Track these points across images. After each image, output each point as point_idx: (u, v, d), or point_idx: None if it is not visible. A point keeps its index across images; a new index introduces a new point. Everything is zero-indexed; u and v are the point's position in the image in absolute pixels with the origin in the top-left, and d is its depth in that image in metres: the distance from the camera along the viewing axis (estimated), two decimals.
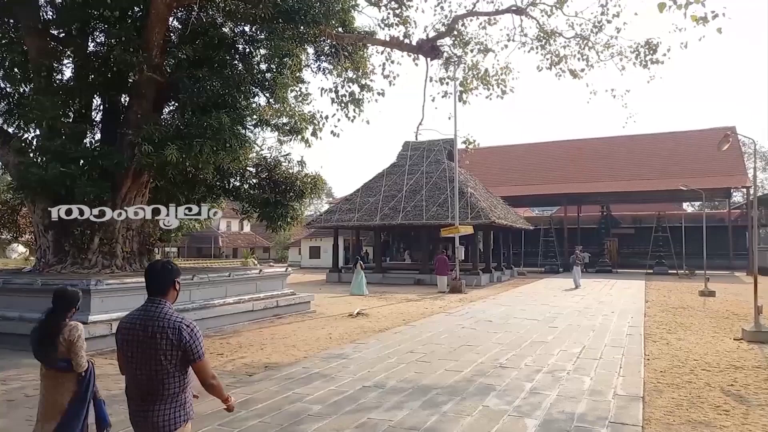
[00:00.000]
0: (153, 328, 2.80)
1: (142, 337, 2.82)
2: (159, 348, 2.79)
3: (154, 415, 2.82)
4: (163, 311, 2.86)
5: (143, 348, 2.81)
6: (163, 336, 2.79)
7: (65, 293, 3.80)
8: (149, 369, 2.82)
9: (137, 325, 2.86)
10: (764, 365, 7.97)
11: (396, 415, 5.70)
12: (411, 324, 12.40)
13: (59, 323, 3.69)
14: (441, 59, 12.55)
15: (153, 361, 2.80)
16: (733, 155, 34.63)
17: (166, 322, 2.82)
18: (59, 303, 3.75)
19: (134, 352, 2.86)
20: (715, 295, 18.15)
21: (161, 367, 2.80)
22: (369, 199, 26.64)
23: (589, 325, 12.02)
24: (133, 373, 2.90)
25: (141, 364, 2.83)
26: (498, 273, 27.90)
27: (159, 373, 2.81)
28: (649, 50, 11.08)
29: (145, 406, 2.85)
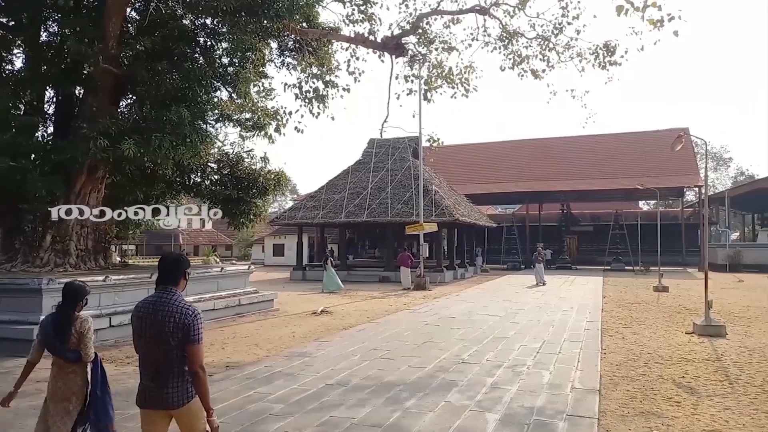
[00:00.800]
0: (163, 313, 3.12)
1: (153, 320, 3.14)
2: (168, 330, 3.10)
3: (166, 391, 3.13)
4: (173, 298, 3.19)
5: (155, 330, 3.13)
6: (171, 319, 3.10)
7: (73, 287, 3.97)
8: (160, 349, 3.12)
9: (150, 310, 3.17)
10: (713, 358, 8.31)
11: (359, 413, 5.69)
12: (375, 321, 12.41)
13: (70, 316, 3.87)
14: (406, 57, 12.58)
15: (163, 341, 3.11)
16: (686, 155, 35.98)
17: (175, 307, 3.14)
18: (68, 297, 3.92)
19: (147, 334, 3.17)
20: (668, 291, 18.81)
21: (170, 348, 3.10)
22: (334, 196, 26.53)
23: (549, 321, 12.28)
24: (145, 352, 3.21)
25: (153, 345, 3.15)
26: (461, 270, 28.24)
27: (169, 352, 3.11)
28: (608, 52, 11.37)
29: (158, 383, 3.15)
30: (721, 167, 70.40)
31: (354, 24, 11.79)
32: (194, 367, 3.11)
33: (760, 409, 5.79)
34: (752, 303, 15.52)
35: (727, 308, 14.00)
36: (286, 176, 13.82)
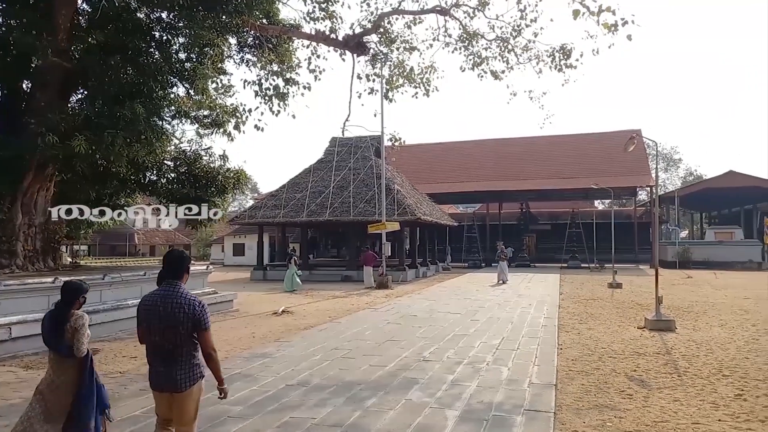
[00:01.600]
0: (172, 305, 3.52)
1: (162, 312, 3.52)
2: (178, 320, 3.50)
3: (175, 374, 3.54)
4: (179, 291, 3.60)
5: (164, 320, 3.52)
6: (181, 310, 3.51)
7: (71, 285, 4.13)
8: (169, 337, 3.52)
9: (158, 303, 3.57)
10: (663, 351, 8.62)
11: (319, 413, 5.65)
12: (337, 320, 12.36)
13: (67, 313, 4.01)
14: (367, 56, 12.56)
15: (173, 330, 3.51)
16: (638, 156, 37.28)
17: (182, 299, 3.55)
18: (65, 294, 4.07)
19: (155, 324, 3.55)
20: (621, 287, 19.44)
21: (179, 335, 3.51)
22: (295, 195, 26.27)
23: (508, 318, 12.50)
24: (154, 342, 3.58)
25: (162, 334, 3.53)
26: (423, 269, 28.45)
27: (177, 339, 3.52)
28: (564, 55, 11.64)
29: (167, 367, 3.56)
30: (672, 168, 73.29)
31: (315, 21, 11.71)
32: (208, 350, 3.61)
33: (707, 399, 6.04)
34: (699, 298, 16.19)
35: (677, 303, 14.57)
36: (246, 175, 13.61)
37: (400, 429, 5.16)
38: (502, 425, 5.26)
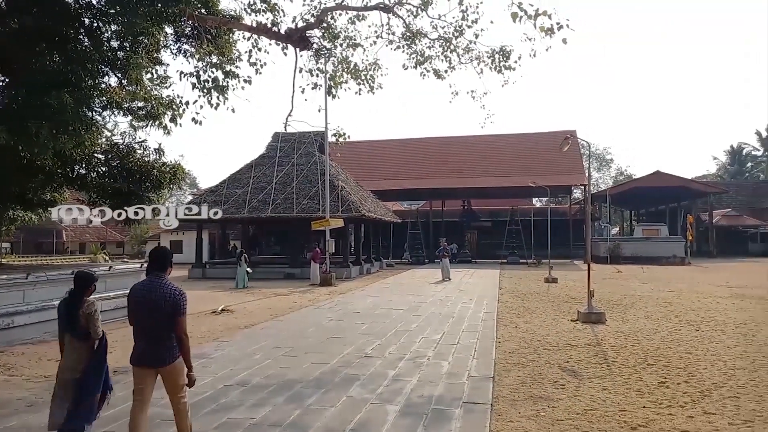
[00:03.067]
0: (158, 293, 4.15)
1: (150, 298, 4.15)
2: (163, 307, 4.13)
3: (159, 351, 4.17)
4: (164, 282, 4.24)
5: (151, 307, 4.13)
6: (165, 299, 4.15)
7: (83, 274, 4.59)
8: (155, 320, 4.14)
9: (146, 292, 4.20)
10: (594, 343, 9.03)
11: (258, 412, 5.55)
12: (279, 319, 12.19)
13: (80, 300, 4.43)
14: (311, 51, 12.38)
15: (158, 315, 4.13)
16: (573, 156, 38.77)
17: (167, 289, 4.19)
18: (78, 283, 4.50)
19: (143, 310, 4.17)
20: (557, 282, 20.22)
21: (163, 319, 4.14)
22: (236, 191, 25.66)
23: (449, 313, 12.73)
24: (142, 324, 4.20)
25: (149, 318, 4.15)
26: (367, 265, 28.51)
27: (162, 322, 4.15)
28: (503, 57, 11.89)
29: (153, 346, 4.17)
30: (604, 167, 76.82)
31: (256, 14, 11.41)
32: (180, 333, 4.19)
33: (633, 387, 6.38)
34: (628, 292, 17.08)
35: (607, 297, 15.30)
36: (183, 169, 13.13)
37: (341, 426, 5.15)
38: (441, 418, 5.35)
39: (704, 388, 6.27)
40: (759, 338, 9.24)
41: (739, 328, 10.28)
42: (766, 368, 7.19)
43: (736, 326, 10.45)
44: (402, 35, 12.26)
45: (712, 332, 9.84)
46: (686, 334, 9.72)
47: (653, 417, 5.34)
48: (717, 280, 21.34)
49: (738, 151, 72.27)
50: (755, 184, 57.65)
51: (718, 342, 8.94)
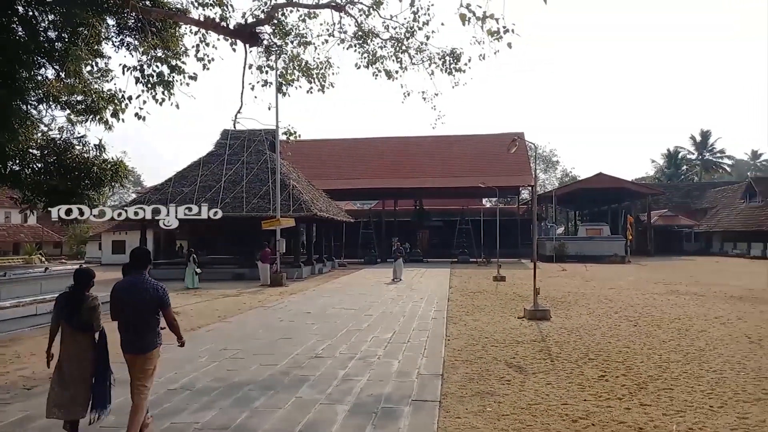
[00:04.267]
0: (141, 289, 4.69)
1: (134, 296, 4.68)
2: (146, 301, 4.69)
3: (142, 340, 4.72)
4: (146, 279, 4.77)
5: (135, 301, 4.67)
6: (147, 294, 4.69)
7: (85, 272, 4.95)
8: (139, 313, 4.69)
9: (130, 288, 4.72)
10: (539, 339, 9.30)
11: (204, 416, 5.41)
12: (227, 320, 11.92)
13: (82, 295, 4.78)
14: (261, 47, 12.17)
15: (142, 308, 4.69)
16: (521, 158, 39.85)
17: (149, 285, 4.73)
18: (82, 279, 4.82)
19: (127, 304, 4.69)
20: (505, 280, 20.70)
21: (147, 312, 4.72)
22: (183, 189, 24.90)
23: (400, 312, 12.80)
24: (126, 317, 4.71)
25: (134, 312, 4.68)
26: (319, 265, 28.31)
27: (146, 316, 4.72)
28: (454, 59, 12.07)
29: (137, 336, 4.72)
30: (551, 169, 79.18)
31: (204, 7, 11.10)
32: (170, 320, 4.86)
33: (575, 382, 6.60)
34: (572, 289, 17.67)
35: (552, 294, 15.78)
36: (125, 166, 12.62)
37: (289, 427, 5.09)
38: (390, 416, 5.38)
39: (641, 381, 6.56)
40: (691, 332, 9.75)
41: (673, 323, 10.81)
42: (697, 361, 7.59)
43: (671, 321, 11.00)
44: (354, 34, 12.23)
45: (648, 327, 10.31)
46: (625, 329, 10.15)
47: (593, 410, 5.54)
48: (654, 278, 22.39)
49: (674, 155, 76.16)
50: (689, 186, 60.91)
51: (654, 336, 9.38)
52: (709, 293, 16.14)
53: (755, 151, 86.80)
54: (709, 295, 15.73)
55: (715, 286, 18.56)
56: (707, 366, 7.28)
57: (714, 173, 74.41)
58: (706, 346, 8.53)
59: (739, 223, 42.91)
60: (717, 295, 15.54)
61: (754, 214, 41.94)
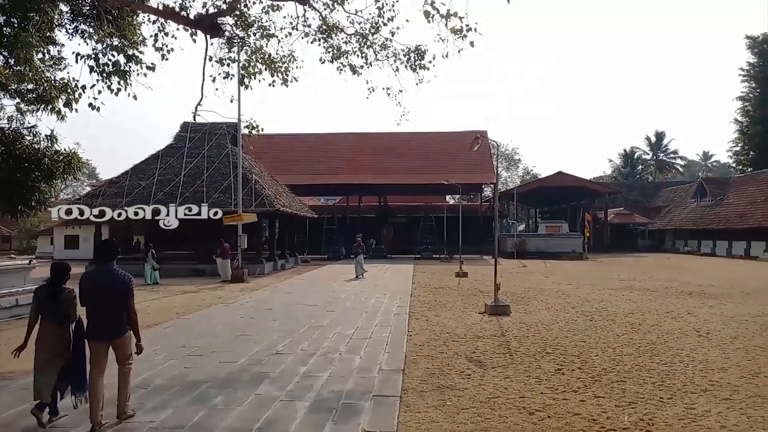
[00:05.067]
0: (111, 279, 4.99)
1: (103, 283, 4.98)
2: (115, 289, 4.96)
3: (112, 327, 4.99)
4: (114, 269, 5.05)
5: (106, 290, 4.95)
6: (117, 282, 4.99)
7: (62, 265, 5.23)
8: (108, 302, 4.96)
9: (99, 277, 5.03)
10: (499, 334, 9.45)
11: (159, 416, 5.28)
12: (185, 317, 11.67)
13: (61, 288, 5.09)
14: (222, 38, 11.91)
15: (111, 297, 4.96)
16: (484, 155, 40.38)
17: (118, 275, 5.03)
18: (60, 273, 5.14)
19: (97, 293, 4.95)
20: (467, 276, 20.96)
21: (115, 300, 4.97)
22: (140, 183, 24.19)
23: (363, 308, 12.80)
24: (97, 306, 4.97)
25: (104, 300, 4.95)
26: (282, 261, 28.03)
27: (114, 303, 4.97)
28: (418, 56, 12.09)
29: (106, 323, 4.97)
30: (513, 167, 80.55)
31: None
32: (130, 313, 5.04)
33: (532, 375, 6.74)
34: (532, 285, 18.05)
35: (513, 290, 16.07)
36: (79, 158, 12.13)
37: (248, 425, 5.01)
38: (350, 412, 5.36)
39: (595, 374, 6.75)
40: (644, 327, 10.09)
41: (627, 317, 11.17)
42: (648, 354, 7.86)
43: (625, 316, 11.36)
44: (318, 28, 12.11)
45: (603, 322, 10.62)
46: (581, 324, 10.42)
47: (550, 402, 5.67)
48: (610, 274, 23.09)
49: (630, 155, 78.62)
50: (644, 185, 63.01)
51: (608, 331, 9.67)
52: (661, 289, 16.74)
53: (706, 153, 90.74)
54: (661, 290, 16.32)
55: (666, 282, 19.27)
56: (658, 359, 7.55)
57: (667, 173, 77.20)
58: (658, 340, 8.84)
59: (690, 222, 44.63)
60: (668, 291, 16.14)
61: (704, 213, 43.70)
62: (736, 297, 14.75)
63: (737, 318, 11.12)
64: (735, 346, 8.44)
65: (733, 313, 11.83)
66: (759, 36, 53.63)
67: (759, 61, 53.43)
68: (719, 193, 44.13)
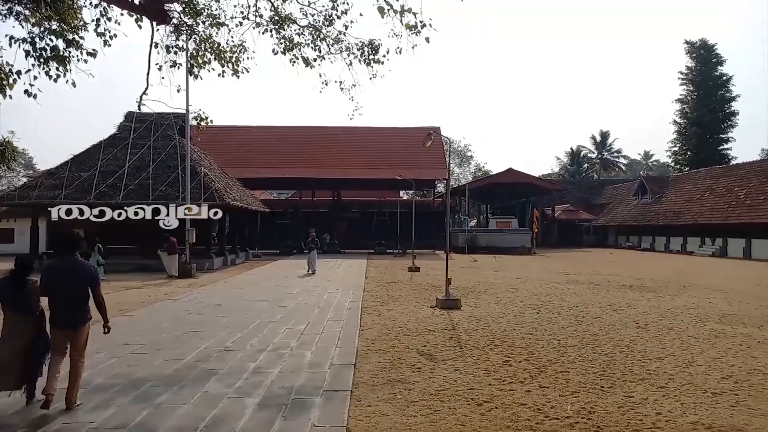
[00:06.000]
0: (76, 269, 5.32)
1: (68, 275, 5.26)
2: (80, 279, 5.28)
3: (74, 315, 5.29)
4: (79, 260, 5.42)
5: (70, 280, 5.25)
6: (82, 273, 5.32)
7: (25, 258, 5.49)
8: (74, 291, 5.28)
9: (64, 268, 5.30)
10: (449, 327, 9.59)
11: (100, 415, 5.08)
12: (128, 314, 11.25)
13: (25, 279, 5.33)
14: (170, 26, 11.50)
15: (76, 287, 5.28)
16: (437, 152, 40.76)
17: (83, 265, 5.40)
18: (25, 265, 5.38)
19: (61, 284, 5.24)
20: (419, 271, 21.16)
21: (80, 290, 5.30)
22: (81, 174, 23.08)
23: (315, 303, 12.71)
24: (60, 295, 5.24)
25: (68, 290, 5.24)
26: (233, 256, 27.47)
27: (79, 293, 5.30)
28: (372, 50, 12.05)
29: (69, 312, 5.27)
30: (465, 164, 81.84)
31: None
32: (99, 298, 5.41)
33: (481, 367, 6.87)
34: (482, 279, 18.40)
35: (463, 284, 16.34)
36: (13, 147, 11.52)
37: (194, 423, 4.89)
38: (300, 408, 5.32)
39: (541, 365, 6.96)
40: (587, 319, 10.48)
41: (572, 310, 11.56)
42: (591, 345, 8.17)
43: (570, 308, 11.75)
44: (270, 19, 11.87)
45: (550, 314, 10.95)
46: (529, 316, 10.71)
47: (497, 393, 5.80)
48: (557, 268, 23.84)
49: (577, 153, 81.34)
50: (589, 183, 65.33)
51: (554, 323, 9.98)
52: (604, 283, 17.42)
53: (647, 152, 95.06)
54: (604, 284, 16.98)
55: (609, 276, 20.07)
56: (600, 350, 7.85)
57: (611, 171, 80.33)
58: (600, 331, 9.19)
59: (632, 218, 46.62)
60: (611, 285, 16.81)
61: (644, 210, 45.75)
62: (673, 290, 15.53)
63: (673, 310, 11.71)
64: (671, 336, 8.88)
65: (670, 305, 12.44)
66: (697, 41, 56.56)
67: (697, 65, 56.32)
68: (659, 191, 46.33)
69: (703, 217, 37.47)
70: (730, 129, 56.08)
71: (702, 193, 40.34)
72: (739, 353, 7.73)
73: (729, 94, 55.60)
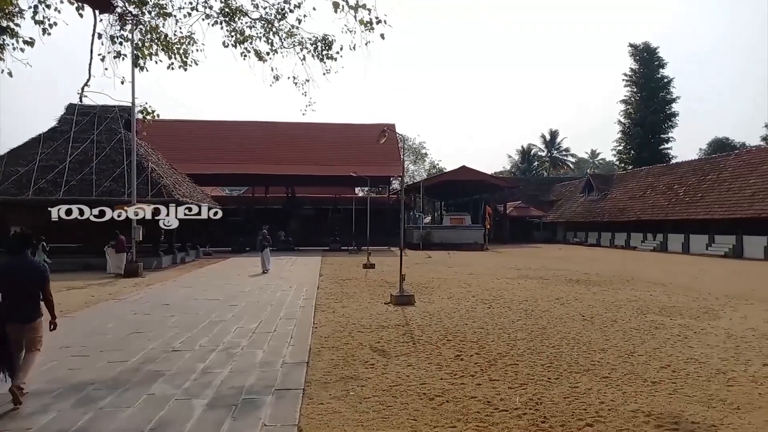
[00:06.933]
0: (28, 268, 5.51)
1: (20, 273, 5.44)
2: (32, 278, 5.49)
3: (27, 311, 5.48)
4: (31, 259, 5.63)
5: (22, 278, 5.44)
6: (34, 272, 5.51)
7: None
8: (26, 289, 5.48)
9: (17, 267, 5.47)
10: (403, 323, 9.65)
11: (37, 421, 4.84)
12: (70, 315, 10.76)
13: None
14: (113, 15, 11.04)
15: (29, 285, 5.49)
16: (392, 148, 40.92)
17: (34, 264, 5.60)
18: None
19: (14, 282, 5.42)
20: (374, 267, 21.20)
21: (33, 288, 5.51)
22: (18, 169, 21.94)
23: (268, 301, 12.53)
24: (13, 292, 5.43)
25: (21, 287, 5.44)
26: (182, 254, 26.74)
27: (32, 291, 5.51)
28: (326, 46, 11.93)
29: (22, 307, 5.46)
30: (420, 161, 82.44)
31: None
32: (48, 296, 5.57)
33: (433, 362, 6.94)
34: (436, 275, 18.61)
35: (417, 280, 16.48)
36: None
37: (139, 427, 4.72)
38: (251, 407, 5.23)
39: (491, 358, 7.10)
40: (536, 312, 10.76)
41: (522, 304, 11.85)
42: (540, 338, 8.39)
43: (520, 303, 12.04)
44: (220, 10, 11.57)
45: (500, 309, 11.19)
46: (480, 311, 10.91)
47: (448, 387, 5.88)
48: (508, 264, 24.39)
49: (527, 151, 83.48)
50: (539, 180, 67.18)
51: (505, 317, 10.20)
52: (553, 277, 17.95)
53: (594, 151, 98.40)
54: (552, 278, 17.49)
55: (557, 270, 20.69)
56: (548, 342, 8.08)
57: (560, 169, 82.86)
58: (548, 325, 9.46)
59: (579, 215, 48.23)
60: (559, 279, 17.33)
61: (591, 207, 47.40)
62: (617, 284, 16.16)
63: (617, 303, 12.18)
64: (614, 328, 9.23)
65: (614, 298, 12.94)
66: (640, 44, 59.04)
67: (640, 67, 58.79)
68: (604, 188, 48.10)
69: (645, 213, 39.16)
70: (670, 129, 58.88)
71: (644, 191, 42.13)
72: (677, 343, 8.12)
73: (670, 95, 58.35)
